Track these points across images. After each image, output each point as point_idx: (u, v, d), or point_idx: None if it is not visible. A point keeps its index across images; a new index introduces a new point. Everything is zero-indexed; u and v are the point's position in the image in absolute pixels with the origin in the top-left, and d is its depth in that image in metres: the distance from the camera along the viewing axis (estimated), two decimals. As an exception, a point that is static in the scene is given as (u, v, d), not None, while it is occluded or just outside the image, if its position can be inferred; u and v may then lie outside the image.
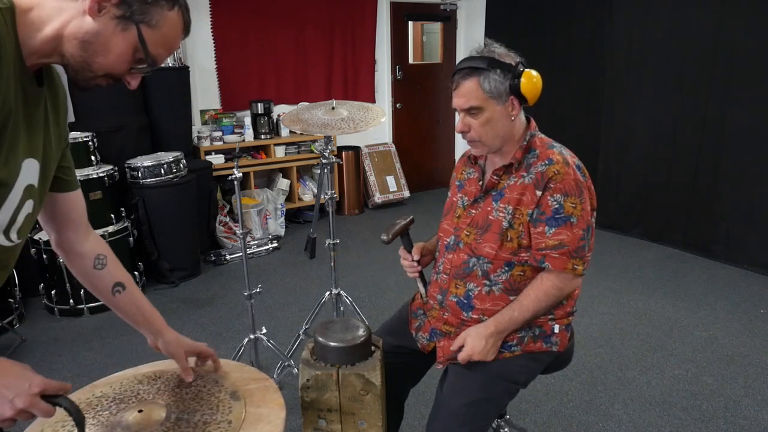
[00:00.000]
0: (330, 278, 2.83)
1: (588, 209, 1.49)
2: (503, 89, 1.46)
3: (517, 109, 1.50)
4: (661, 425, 2.35)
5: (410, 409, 1.99)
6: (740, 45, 3.84)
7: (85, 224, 1.24)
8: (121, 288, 1.26)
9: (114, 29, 0.91)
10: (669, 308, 3.43)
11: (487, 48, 1.50)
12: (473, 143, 1.55)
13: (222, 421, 1.12)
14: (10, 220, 0.97)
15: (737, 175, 4.00)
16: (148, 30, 0.93)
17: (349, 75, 5.63)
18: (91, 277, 1.25)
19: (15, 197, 0.96)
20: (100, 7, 0.89)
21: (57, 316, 3.44)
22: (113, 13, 0.90)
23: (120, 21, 0.91)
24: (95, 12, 0.89)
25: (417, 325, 1.71)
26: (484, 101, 1.46)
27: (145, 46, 0.94)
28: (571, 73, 4.96)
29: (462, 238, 1.59)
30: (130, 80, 0.99)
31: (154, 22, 0.93)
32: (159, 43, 0.96)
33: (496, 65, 1.45)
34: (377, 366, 1.32)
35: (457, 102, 1.50)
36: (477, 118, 1.49)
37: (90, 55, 0.92)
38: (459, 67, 1.50)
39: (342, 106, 2.64)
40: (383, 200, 5.74)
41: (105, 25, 0.90)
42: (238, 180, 2.36)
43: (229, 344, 2.99)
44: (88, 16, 0.89)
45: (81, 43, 0.91)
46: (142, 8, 0.92)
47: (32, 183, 0.99)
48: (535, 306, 1.49)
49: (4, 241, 1.00)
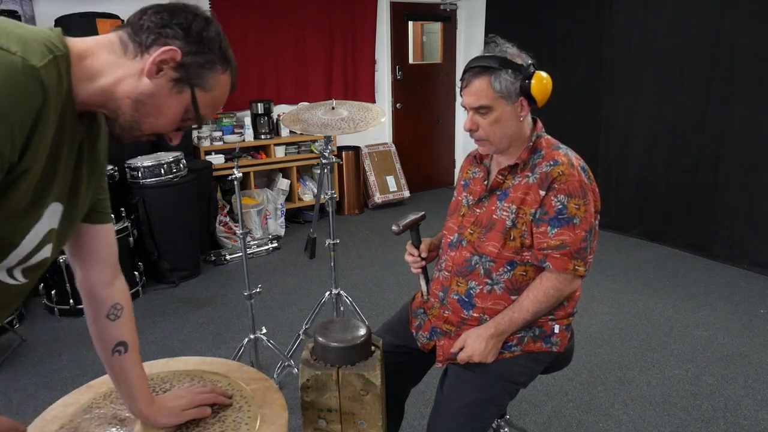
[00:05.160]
0: (330, 278, 2.83)
1: (591, 211, 1.49)
2: (513, 90, 1.46)
3: (526, 110, 1.50)
4: (661, 425, 2.35)
5: (410, 409, 1.99)
6: (740, 45, 3.84)
7: (113, 265, 1.14)
8: (122, 349, 1.14)
9: (169, 91, 0.91)
10: (669, 308, 3.43)
11: (499, 47, 1.49)
12: (480, 142, 1.55)
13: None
14: (19, 261, 0.92)
15: (737, 175, 4.00)
16: (201, 93, 0.93)
17: (349, 75, 5.63)
18: (99, 325, 1.13)
19: (31, 242, 0.91)
20: (158, 69, 0.89)
21: (57, 316, 3.44)
22: (170, 75, 0.90)
23: (176, 84, 0.91)
24: (153, 74, 0.88)
25: (417, 324, 1.71)
26: (494, 101, 1.46)
27: (197, 108, 0.93)
28: (571, 73, 4.96)
29: (465, 236, 1.59)
30: (172, 137, 0.98)
31: (208, 86, 0.93)
32: (209, 105, 0.96)
33: (508, 65, 1.45)
34: (377, 366, 1.32)
35: (467, 100, 1.50)
36: (486, 117, 1.48)
37: (142, 116, 0.91)
38: (470, 65, 1.49)
39: (342, 106, 2.64)
40: (383, 200, 5.74)
41: (160, 87, 0.90)
42: (238, 180, 2.36)
43: (229, 344, 2.99)
44: (145, 77, 0.88)
45: (134, 103, 0.89)
46: (198, 72, 0.92)
47: (53, 227, 0.94)
48: (535, 307, 1.49)
49: (6, 278, 0.93)
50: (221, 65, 0.95)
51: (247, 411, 1.19)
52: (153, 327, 3.20)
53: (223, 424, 1.15)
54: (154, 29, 0.89)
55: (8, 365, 2.90)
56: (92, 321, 1.14)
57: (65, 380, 2.74)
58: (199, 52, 0.91)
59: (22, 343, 3.11)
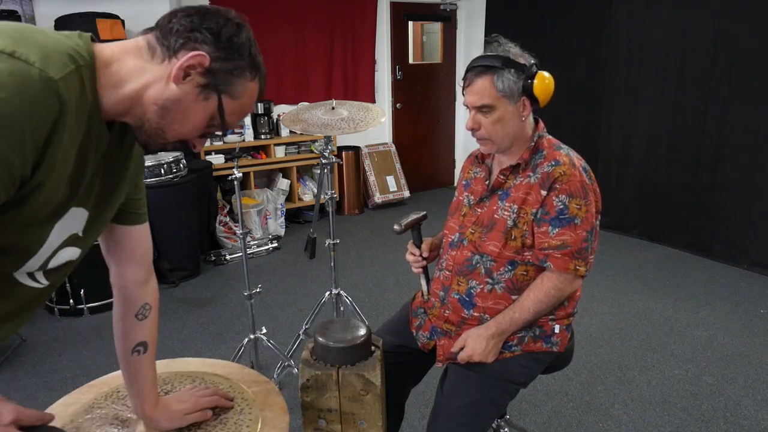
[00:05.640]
0: (330, 278, 2.83)
1: (593, 211, 1.49)
2: (516, 89, 1.46)
3: (528, 109, 1.50)
4: (661, 425, 2.35)
5: (410, 409, 1.99)
6: (740, 45, 3.84)
7: (148, 265, 1.14)
8: (142, 349, 1.14)
9: (195, 98, 0.88)
10: (669, 308, 3.43)
11: (502, 47, 1.50)
12: (482, 141, 1.55)
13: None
14: (40, 266, 0.91)
15: (737, 175, 4.00)
16: (228, 100, 0.90)
17: (349, 75, 5.63)
18: (125, 324, 1.13)
19: (50, 248, 0.90)
20: (185, 74, 0.86)
21: (57, 316, 3.43)
22: (197, 81, 0.87)
23: (203, 90, 0.88)
24: (180, 79, 0.86)
25: (417, 323, 1.71)
26: (496, 100, 1.46)
27: (223, 116, 0.91)
28: (571, 73, 4.96)
29: (466, 235, 1.59)
30: (196, 143, 0.95)
31: (236, 93, 0.90)
32: (235, 112, 0.93)
33: (511, 65, 1.45)
34: (377, 366, 1.32)
35: (469, 99, 1.50)
36: (488, 116, 1.49)
37: (167, 123, 0.89)
38: (473, 64, 1.50)
39: (342, 106, 2.64)
40: (383, 200, 5.74)
41: (187, 93, 0.87)
42: (238, 180, 2.36)
43: (229, 344, 2.99)
44: (172, 82, 0.86)
45: (160, 109, 0.87)
46: (227, 78, 0.89)
47: (76, 232, 0.93)
48: (536, 307, 1.49)
49: (29, 281, 0.92)
50: (250, 72, 0.92)
51: (248, 413, 1.19)
52: (153, 327, 3.21)
53: (225, 426, 1.15)
54: (183, 33, 0.86)
55: (8, 365, 2.90)
56: (119, 318, 1.13)
57: (65, 380, 2.74)
58: (228, 58, 0.88)
59: (22, 343, 3.11)
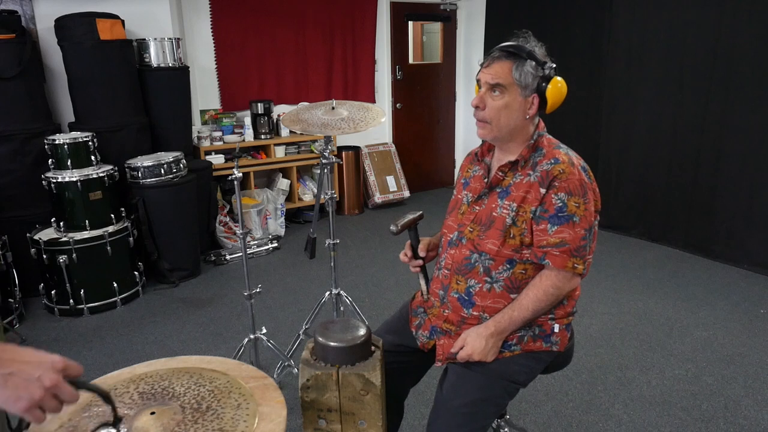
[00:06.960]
0: (330, 278, 2.83)
1: (591, 210, 1.49)
2: (531, 84, 1.48)
3: (535, 109, 1.52)
4: (661, 425, 2.35)
5: (410, 409, 1.99)
6: (740, 45, 3.84)
7: None
8: None
9: None
10: (669, 308, 3.43)
11: (530, 43, 1.53)
12: (482, 123, 1.55)
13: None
14: None
15: (737, 174, 4.00)
16: None
17: (349, 75, 5.63)
18: None
19: None
20: None
21: (57, 316, 3.43)
22: None
23: None
24: None
25: (417, 323, 1.71)
26: (510, 84, 1.49)
27: None
28: (571, 73, 4.94)
29: (465, 234, 1.59)
30: None
31: None
32: None
33: (533, 59, 1.48)
34: (377, 366, 1.32)
35: (485, 76, 1.52)
36: (496, 99, 1.50)
37: None
38: (498, 47, 1.52)
39: (342, 106, 2.64)
40: (383, 200, 5.74)
41: None
42: (238, 180, 2.36)
43: (229, 344, 2.99)
44: None
45: None
46: None
47: None
48: (535, 305, 1.49)
49: None
50: None
51: (245, 408, 1.19)
52: (153, 327, 3.19)
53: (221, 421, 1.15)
54: None
55: (8, 365, 2.90)
56: None
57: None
58: None
59: (22, 343, 3.11)
